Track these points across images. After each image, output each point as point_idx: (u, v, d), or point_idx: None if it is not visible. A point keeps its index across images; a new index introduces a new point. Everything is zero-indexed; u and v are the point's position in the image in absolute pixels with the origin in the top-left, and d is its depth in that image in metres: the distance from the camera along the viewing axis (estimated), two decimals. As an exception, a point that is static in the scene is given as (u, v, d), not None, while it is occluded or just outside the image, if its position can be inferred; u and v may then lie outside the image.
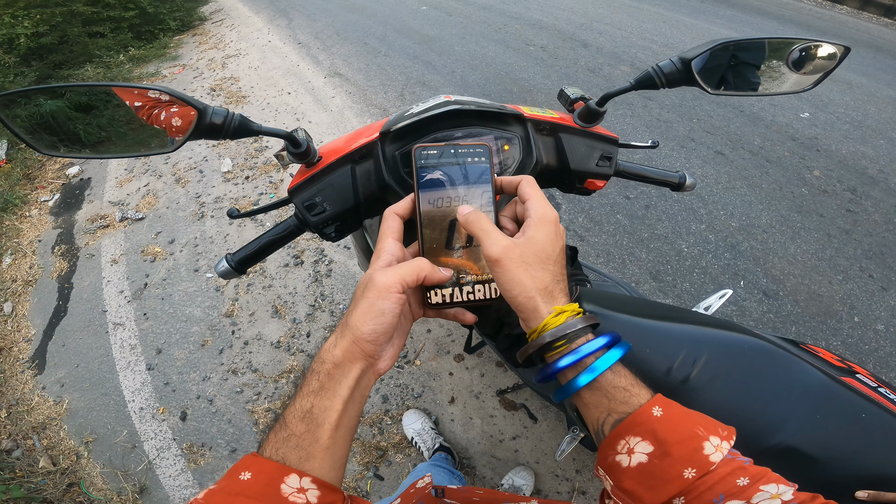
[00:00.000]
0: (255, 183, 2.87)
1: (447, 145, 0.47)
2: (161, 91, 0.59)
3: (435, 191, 0.46)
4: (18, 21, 4.14)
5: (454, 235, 0.46)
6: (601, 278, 1.30)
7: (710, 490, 0.35)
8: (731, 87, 0.70)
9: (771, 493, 0.34)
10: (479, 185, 0.46)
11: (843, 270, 2.09)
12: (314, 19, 5.60)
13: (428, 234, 0.45)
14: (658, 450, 0.37)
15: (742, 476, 0.35)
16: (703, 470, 0.35)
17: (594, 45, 4.08)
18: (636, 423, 0.38)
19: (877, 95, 3.26)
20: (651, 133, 2.91)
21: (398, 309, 0.40)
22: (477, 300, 0.46)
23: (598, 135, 0.75)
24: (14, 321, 2.36)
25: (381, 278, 0.39)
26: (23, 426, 1.94)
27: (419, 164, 0.46)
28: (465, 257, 0.46)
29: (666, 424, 0.38)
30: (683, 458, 0.36)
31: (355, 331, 0.39)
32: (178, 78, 4.64)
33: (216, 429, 1.82)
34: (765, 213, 2.35)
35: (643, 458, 0.37)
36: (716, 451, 0.36)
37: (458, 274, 0.46)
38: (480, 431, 1.69)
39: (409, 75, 3.85)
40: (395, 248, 0.43)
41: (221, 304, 2.21)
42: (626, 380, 0.41)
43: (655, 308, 0.74)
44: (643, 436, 0.38)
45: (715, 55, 0.65)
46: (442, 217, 0.46)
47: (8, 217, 2.95)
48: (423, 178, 0.46)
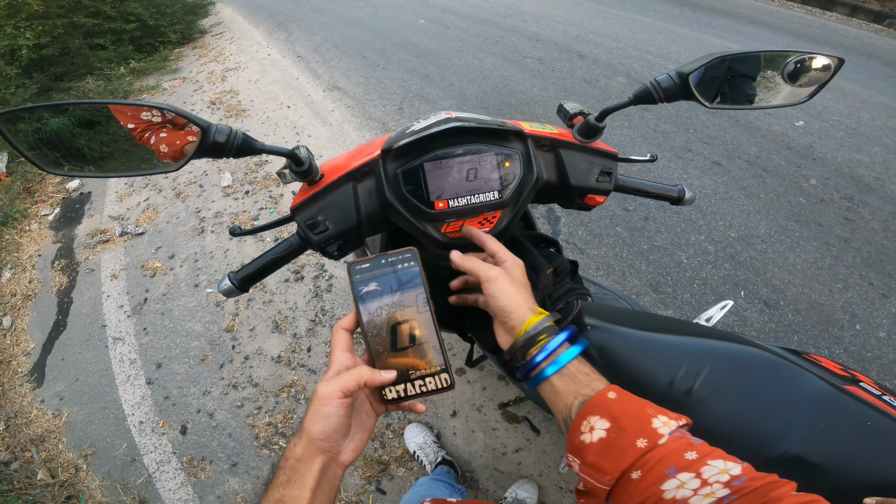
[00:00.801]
0: (255, 198, 2.88)
1: (377, 257, 0.51)
2: (165, 109, 0.59)
3: (374, 301, 0.50)
4: (20, 32, 4.16)
5: (398, 338, 0.49)
6: (602, 291, 1.29)
7: (660, 462, 0.39)
8: (729, 101, 0.71)
9: (719, 468, 0.37)
10: (413, 288, 0.50)
11: (842, 279, 2.09)
12: (313, 33, 5.65)
13: (374, 341, 0.49)
14: (614, 425, 0.43)
15: (690, 451, 0.39)
16: (653, 441, 0.41)
17: (590, 57, 4.12)
18: (596, 405, 0.46)
19: (870, 102, 3.30)
20: (648, 144, 2.93)
21: (343, 411, 0.45)
22: (430, 391, 0.50)
23: (597, 150, 0.75)
24: (13, 335, 2.36)
25: (322, 388, 0.45)
26: (21, 438, 1.94)
27: (355, 279, 0.50)
28: (411, 355, 0.49)
29: (620, 404, 0.45)
30: (636, 430, 0.42)
31: (308, 432, 0.45)
32: (179, 91, 4.67)
33: (217, 443, 1.81)
34: (763, 222, 2.36)
35: (602, 433, 0.43)
36: (663, 426, 0.42)
37: (408, 371, 0.49)
38: (483, 444, 1.68)
39: (408, 88, 3.88)
40: (343, 359, 0.48)
41: (222, 319, 2.21)
42: (588, 367, 0.51)
43: (657, 321, 0.74)
44: (601, 414, 0.44)
45: (711, 69, 0.66)
46: (384, 323, 0.50)
47: (8, 231, 2.95)
48: (361, 292, 0.50)
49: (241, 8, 7.53)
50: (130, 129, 0.67)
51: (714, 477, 0.36)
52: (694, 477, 0.37)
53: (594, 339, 0.66)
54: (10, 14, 4.25)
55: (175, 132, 0.67)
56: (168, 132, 0.67)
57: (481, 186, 0.66)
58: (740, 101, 0.72)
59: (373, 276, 0.50)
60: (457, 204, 0.65)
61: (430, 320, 0.50)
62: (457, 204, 0.65)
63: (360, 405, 0.50)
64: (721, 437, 0.54)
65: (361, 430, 0.49)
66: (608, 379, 0.65)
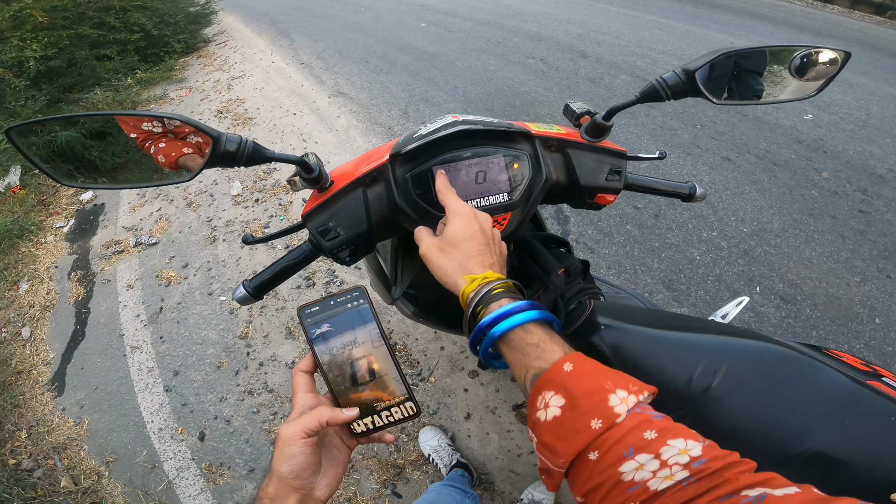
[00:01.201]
0: (265, 206, 2.90)
1: (325, 299, 0.51)
2: (176, 119, 0.60)
3: (328, 342, 0.51)
4: (27, 44, 4.20)
5: (357, 374, 0.50)
6: (614, 290, 1.29)
7: (618, 443, 0.37)
8: (736, 97, 0.71)
9: (679, 448, 0.36)
10: (365, 324, 0.51)
11: (860, 272, 2.07)
12: (316, 39, 5.69)
13: (334, 379, 0.50)
14: (568, 402, 0.40)
15: (649, 429, 0.37)
16: (609, 421, 0.38)
17: (593, 56, 4.11)
18: (549, 379, 0.43)
19: (878, 94, 3.26)
20: (656, 141, 2.92)
21: (308, 450, 0.45)
22: (397, 420, 0.51)
23: (606, 149, 0.75)
24: (33, 345, 2.40)
25: (284, 430, 0.46)
26: (43, 446, 1.97)
27: (306, 322, 0.51)
28: (373, 389, 0.50)
29: (576, 378, 0.42)
30: (590, 409, 0.39)
31: (276, 472, 0.45)
32: (186, 100, 4.71)
33: (234, 448, 1.83)
34: (776, 217, 2.34)
35: (557, 411, 0.41)
36: (621, 402, 0.39)
37: (372, 404, 0.50)
38: (498, 446, 1.68)
39: (412, 92, 3.90)
40: (305, 399, 0.49)
41: (236, 326, 2.23)
42: (538, 337, 0.47)
43: (671, 318, 0.73)
44: (556, 390, 0.42)
45: (718, 65, 0.66)
46: (342, 362, 0.50)
47: (24, 243, 2.99)
48: (315, 334, 0.51)
49: (243, 16, 7.59)
50: (140, 140, 0.68)
51: (673, 458, 0.35)
52: (653, 458, 0.35)
53: (607, 340, 0.65)
54: (15, 26, 4.28)
55: (184, 143, 0.68)
56: (176, 142, 0.68)
57: (490, 188, 0.66)
58: (748, 97, 0.72)
59: (324, 317, 0.51)
60: None
61: (386, 353, 0.51)
62: None
63: (329, 441, 0.51)
64: (742, 436, 0.53)
65: (334, 466, 0.49)
66: None
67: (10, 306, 2.61)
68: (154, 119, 0.67)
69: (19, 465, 1.89)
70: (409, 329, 2.04)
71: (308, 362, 0.51)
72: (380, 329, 0.51)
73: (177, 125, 0.68)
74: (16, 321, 2.52)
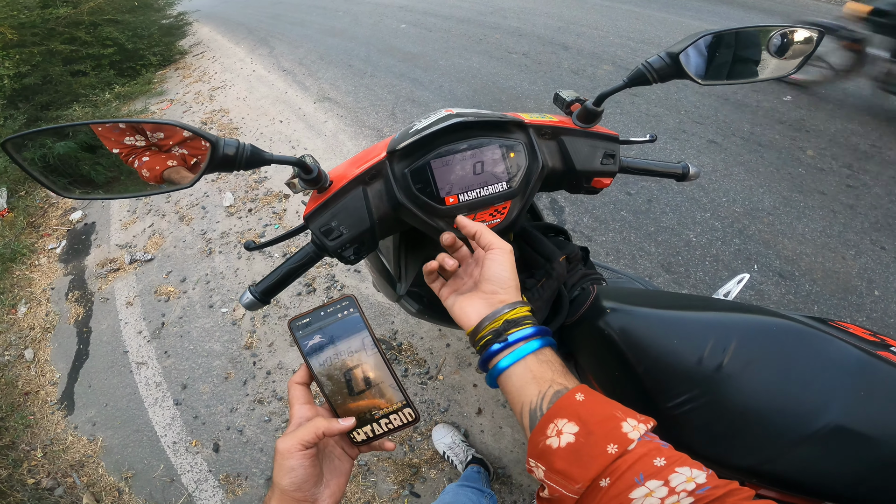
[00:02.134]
0: (259, 215, 2.88)
1: (315, 310, 0.52)
2: (174, 125, 0.59)
3: (321, 352, 0.51)
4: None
5: (353, 383, 0.51)
6: (615, 275, 1.30)
7: (630, 469, 0.38)
8: (719, 77, 0.73)
9: (686, 475, 0.37)
10: (357, 333, 0.51)
11: (854, 245, 2.11)
12: (296, 46, 5.65)
13: (330, 390, 0.50)
14: (583, 429, 0.41)
15: (658, 457, 0.38)
16: (623, 446, 0.39)
17: (574, 48, 4.16)
18: (563, 407, 0.43)
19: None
20: (642, 128, 2.96)
21: (306, 462, 0.45)
22: (396, 427, 0.51)
23: (599, 134, 0.76)
24: (37, 366, 2.38)
25: (281, 444, 0.46)
26: (60, 465, 1.96)
27: (298, 334, 0.51)
28: (370, 397, 0.51)
29: (588, 407, 0.43)
30: (605, 434, 0.40)
31: (278, 486, 0.45)
32: (168, 113, 4.65)
33: (249, 458, 1.82)
34: (766, 195, 2.39)
35: (571, 437, 0.42)
36: (633, 430, 0.40)
37: (370, 412, 0.50)
38: (512, 440, 1.69)
39: (398, 94, 3.90)
40: (302, 411, 0.49)
41: (240, 337, 2.22)
42: (553, 365, 0.48)
43: (676, 298, 0.74)
44: (569, 417, 0.42)
45: (700, 47, 0.67)
46: (336, 372, 0.50)
47: (18, 267, 2.95)
48: (307, 346, 0.51)
49: (218, 26, 7.50)
50: (123, 155, 0.67)
51: (681, 485, 0.36)
52: (662, 485, 0.36)
53: (613, 324, 0.65)
54: None
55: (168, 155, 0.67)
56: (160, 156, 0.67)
57: (489, 179, 0.67)
58: (731, 77, 0.74)
59: (315, 329, 0.51)
60: (467, 198, 0.66)
61: (381, 361, 0.51)
62: (467, 198, 0.66)
63: (330, 451, 0.51)
64: (758, 413, 0.54)
65: (336, 476, 0.50)
66: (633, 361, 0.62)
67: (10, 329, 2.58)
68: (154, 129, 0.67)
69: (39, 484, 1.89)
70: (414, 328, 2.05)
71: (303, 374, 0.51)
72: (372, 337, 0.51)
73: (161, 137, 0.67)
74: (17, 344, 2.49)
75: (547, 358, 0.49)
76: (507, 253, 0.55)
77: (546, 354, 0.50)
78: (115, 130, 0.69)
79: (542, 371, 0.48)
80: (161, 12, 6.84)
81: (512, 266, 0.55)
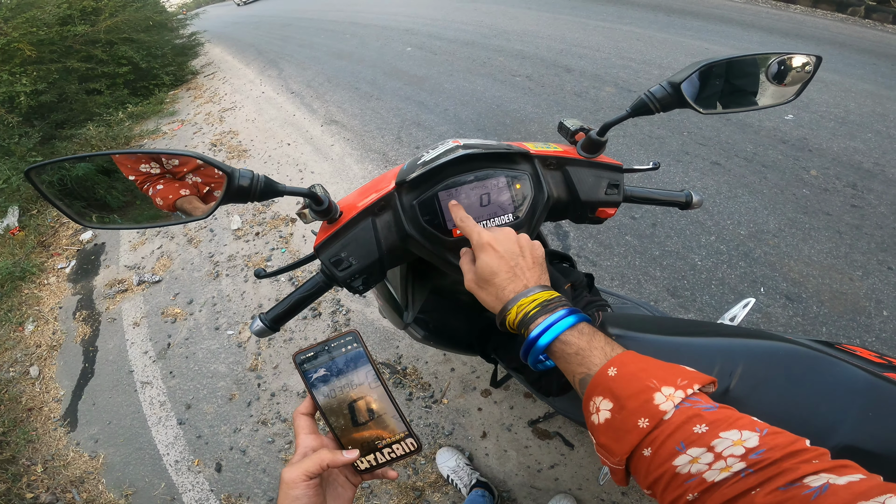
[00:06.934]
0: (266, 239, 2.91)
1: (320, 345, 0.53)
2: (191, 156, 0.60)
3: (326, 385, 0.52)
4: (17, 78, 4.23)
5: (357, 414, 0.52)
6: (620, 301, 1.29)
7: (669, 438, 0.39)
8: (720, 106, 0.74)
9: (733, 439, 0.36)
10: (360, 367, 0.53)
11: (861, 266, 2.09)
12: (304, 67, 5.76)
13: (334, 421, 0.52)
14: (616, 405, 0.43)
15: (699, 423, 0.38)
16: (656, 418, 0.40)
17: (577, 70, 4.21)
18: (597, 384, 0.46)
19: (853, 90, 3.36)
20: (645, 150, 2.98)
21: (311, 492, 0.47)
22: (399, 456, 0.52)
23: (602, 164, 0.77)
24: (42, 383, 2.41)
25: (287, 474, 0.47)
26: (60, 480, 1.97)
27: (303, 368, 0.52)
28: (373, 428, 0.52)
29: (621, 381, 0.44)
30: (636, 409, 0.41)
31: None
32: (179, 134, 4.74)
33: (251, 479, 1.82)
34: (771, 217, 2.38)
35: (607, 414, 0.44)
36: (666, 400, 0.41)
37: (374, 441, 0.52)
38: (517, 463, 1.67)
39: (404, 117, 3.95)
40: (308, 441, 0.51)
41: (245, 359, 2.22)
42: (575, 346, 0.50)
43: (681, 325, 0.74)
44: (603, 394, 0.45)
45: (701, 76, 0.69)
46: (340, 403, 0.52)
47: (27, 285, 3.00)
48: (312, 378, 0.52)
49: (229, 47, 7.69)
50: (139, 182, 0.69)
51: (728, 450, 0.35)
52: (706, 451, 0.36)
53: None
54: (3, 60, 4.32)
55: (182, 183, 0.69)
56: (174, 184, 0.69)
57: (496, 210, 0.68)
58: (731, 105, 0.75)
59: (320, 362, 0.52)
60: None
61: (384, 394, 0.52)
62: None
63: (334, 479, 0.52)
64: None
65: (339, 502, 0.51)
66: None
67: (17, 346, 2.61)
68: (169, 157, 0.68)
69: (37, 499, 1.89)
70: (419, 352, 2.04)
71: (308, 405, 0.53)
72: (375, 371, 0.53)
73: (175, 164, 0.69)
74: (23, 361, 2.53)
75: (580, 328, 0.51)
76: (481, 249, 0.58)
77: (584, 328, 0.52)
78: (131, 157, 0.71)
79: (584, 343, 0.50)
80: (175, 32, 7.04)
81: (495, 256, 0.57)
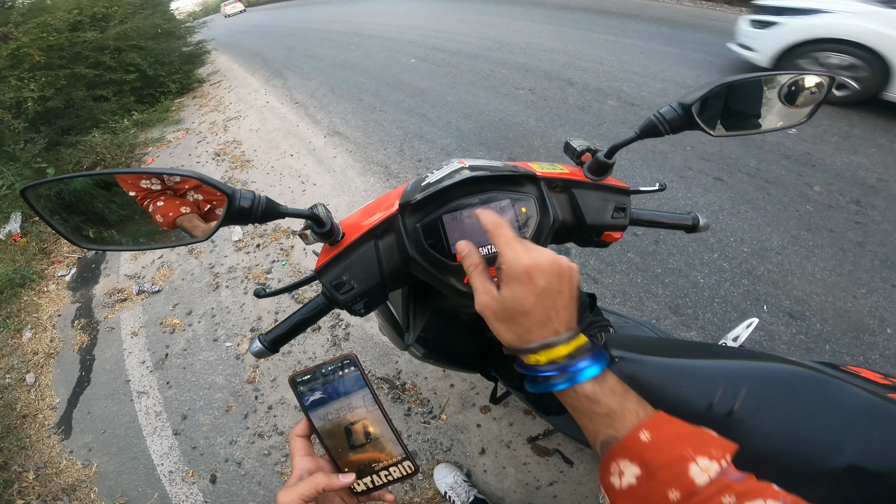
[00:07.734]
0: (267, 251, 2.91)
1: (316, 367, 0.53)
2: (191, 176, 0.58)
3: (322, 408, 0.52)
4: (25, 84, 4.25)
5: (353, 437, 0.52)
6: (622, 320, 1.29)
7: None
8: (732, 128, 0.72)
9: None
10: (358, 391, 0.53)
11: (864, 283, 2.07)
12: (308, 78, 5.81)
13: (331, 444, 0.52)
14: (645, 472, 0.40)
15: (727, 494, 0.37)
16: (688, 491, 0.38)
17: (580, 83, 4.23)
18: (625, 448, 0.42)
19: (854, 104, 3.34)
20: (648, 166, 2.98)
21: None
22: (396, 479, 0.52)
23: (609, 186, 0.76)
24: (37, 391, 2.40)
25: (283, 498, 0.47)
26: (52, 488, 1.95)
27: (300, 391, 0.52)
28: (370, 450, 0.52)
29: (653, 449, 0.41)
30: (668, 480, 0.39)
31: None
32: (183, 142, 4.76)
33: (247, 491, 1.80)
34: (774, 234, 2.36)
35: (632, 480, 0.41)
36: (702, 472, 0.38)
37: (370, 464, 0.52)
38: (515, 480, 1.65)
39: (406, 129, 3.96)
40: (304, 463, 0.51)
41: (243, 371, 2.21)
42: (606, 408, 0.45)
43: (683, 346, 0.73)
44: (631, 458, 0.41)
45: (713, 97, 0.67)
46: (337, 426, 0.52)
47: (26, 292, 3.00)
48: (308, 401, 0.52)
49: (235, 56, 7.76)
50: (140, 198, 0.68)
51: None
52: None
53: (623, 371, 0.64)
54: (13, 65, 4.35)
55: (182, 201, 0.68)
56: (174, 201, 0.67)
57: None
58: (743, 127, 0.74)
59: (316, 385, 0.52)
60: None
61: (381, 417, 0.52)
62: None
63: (330, 501, 0.51)
64: (769, 455, 0.53)
65: None
66: None
67: (14, 353, 2.61)
68: (169, 176, 0.67)
69: None
70: (418, 368, 2.03)
71: (304, 427, 0.52)
72: (373, 394, 0.52)
73: (177, 181, 0.67)
74: (20, 367, 2.52)
75: (610, 385, 0.46)
76: (515, 278, 0.46)
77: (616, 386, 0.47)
78: (131, 174, 0.70)
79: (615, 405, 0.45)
80: (182, 40, 7.11)
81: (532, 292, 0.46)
